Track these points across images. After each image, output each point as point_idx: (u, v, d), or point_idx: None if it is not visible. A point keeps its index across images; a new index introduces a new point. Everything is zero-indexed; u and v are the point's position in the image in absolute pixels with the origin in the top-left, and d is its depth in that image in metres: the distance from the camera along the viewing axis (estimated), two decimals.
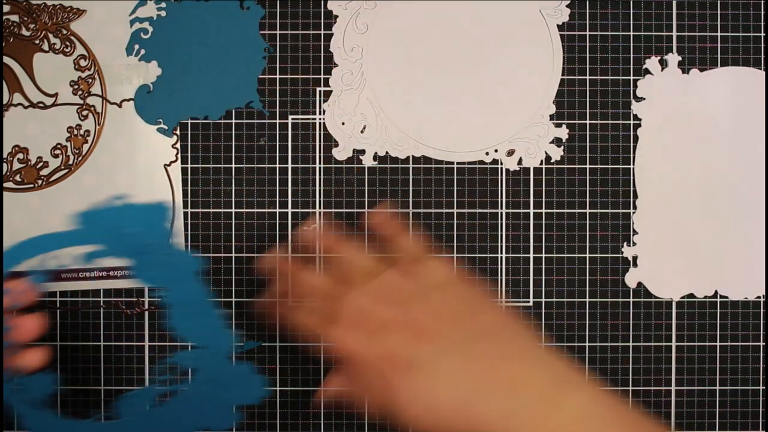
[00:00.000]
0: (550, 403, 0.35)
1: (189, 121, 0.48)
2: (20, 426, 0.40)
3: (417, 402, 0.35)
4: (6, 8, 0.47)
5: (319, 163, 0.48)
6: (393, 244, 0.43)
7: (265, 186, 0.48)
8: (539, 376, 0.36)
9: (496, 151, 0.48)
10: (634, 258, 0.48)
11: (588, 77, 0.48)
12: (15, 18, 0.47)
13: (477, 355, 0.36)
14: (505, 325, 0.38)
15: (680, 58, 0.48)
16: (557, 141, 0.48)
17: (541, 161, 0.48)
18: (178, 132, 0.48)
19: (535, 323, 0.47)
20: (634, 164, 0.48)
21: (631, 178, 0.48)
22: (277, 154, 0.48)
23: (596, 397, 0.36)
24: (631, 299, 0.48)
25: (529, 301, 0.47)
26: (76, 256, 0.40)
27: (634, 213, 0.48)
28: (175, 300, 0.38)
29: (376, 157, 0.48)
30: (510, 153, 0.48)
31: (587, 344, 0.48)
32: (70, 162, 0.47)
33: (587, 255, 0.48)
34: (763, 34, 0.48)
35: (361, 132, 0.48)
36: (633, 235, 0.48)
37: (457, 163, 0.48)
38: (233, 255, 0.47)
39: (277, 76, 0.48)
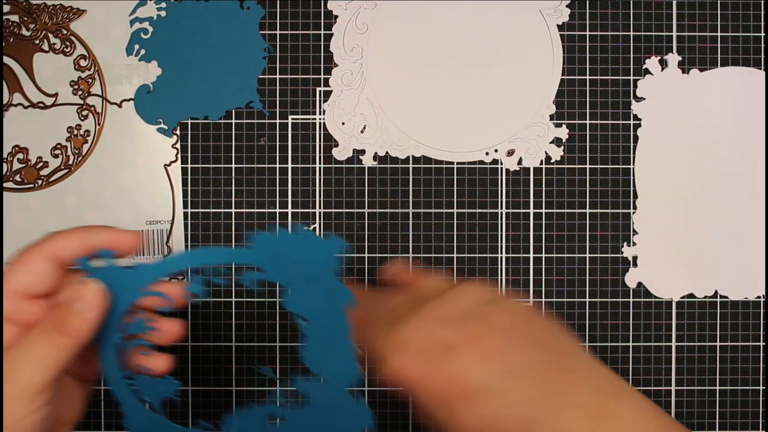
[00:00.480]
0: (608, 414, 0.35)
1: (189, 121, 0.48)
2: (118, 427, 0.41)
3: (485, 428, 0.34)
4: (6, 8, 0.47)
5: (319, 163, 0.48)
6: (419, 287, 0.40)
7: (265, 186, 0.48)
8: (595, 386, 0.36)
9: (496, 151, 0.48)
10: (634, 258, 0.48)
11: (588, 77, 0.48)
12: (15, 18, 0.47)
13: (541, 371, 0.35)
14: (559, 335, 0.37)
15: (680, 58, 0.48)
16: (557, 141, 0.48)
17: (541, 161, 0.48)
18: (178, 132, 0.48)
19: None
20: (634, 164, 0.48)
21: (631, 178, 0.48)
22: (277, 154, 0.48)
23: (645, 406, 0.35)
24: (631, 299, 0.48)
25: (529, 301, 0.47)
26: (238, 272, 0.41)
27: (634, 213, 0.48)
28: (315, 331, 0.39)
29: (376, 157, 0.48)
30: (510, 153, 0.48)
31: (587, 344, 0.48)
32: (70, 162, 0.47)
33: (587, 255, 0.48)
34: (763, 34, 0.48)
35: (361, 132, 0.48)
36: (633, 235, 0.48)
37: (457, 163, 0.48)
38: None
39: (277, 76, 0.48)
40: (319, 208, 0.48)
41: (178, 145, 0.48)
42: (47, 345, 0.33)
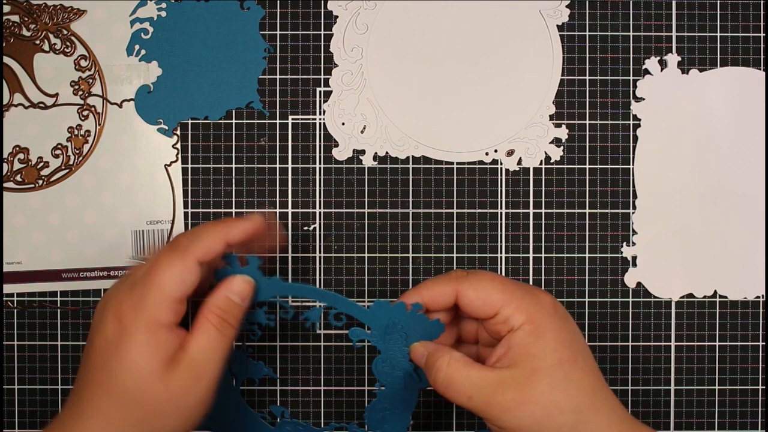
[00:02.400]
0: (619, 407, 0.37)
1: (189, 121, 0.48)
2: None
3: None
4: (6, 8, 0.47)
5: (319, 163, 0.48)
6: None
7: (265, 186, 0.48)
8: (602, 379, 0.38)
9: (495, 151, 0.48)
10: (634, 258, 0.48)
11: (588, 77, 0.48)
12: (15, 18, 0.47)
13: (577, 375, 0.36)
14: (578, 331, 0.39)
15: (680, 59, 0.48)
16: (557, 141, 0.48)
17: (541, 161, 0.48)
18: (178, 132, 0.48)
19: None
20: (633, 164, 0.48)
21: (631, 178, 0.48)
22: (277, 154, 0.48)
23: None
24: (630, 299, 0.48)
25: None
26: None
27: (633, 213, 0.48)
28: (387, 396, 0.42)
29: (376, 157, 0.48)
30: (510, 153, 0.48)
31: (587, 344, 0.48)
32: (71, 162, 0.47)
33: (587, 255, 0.48)
34: (763, 34, 0.48)
35: (361, 132, 0.48)
36: (632, 235, 0.48)
37: (457, 163, 0.48)
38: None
39: (277, 76, 0.48)
40: (319, 208, 0.48)
41: (178, 145, 0.48)
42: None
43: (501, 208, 0.48)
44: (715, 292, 0.48)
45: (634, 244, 0.48)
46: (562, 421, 0.35)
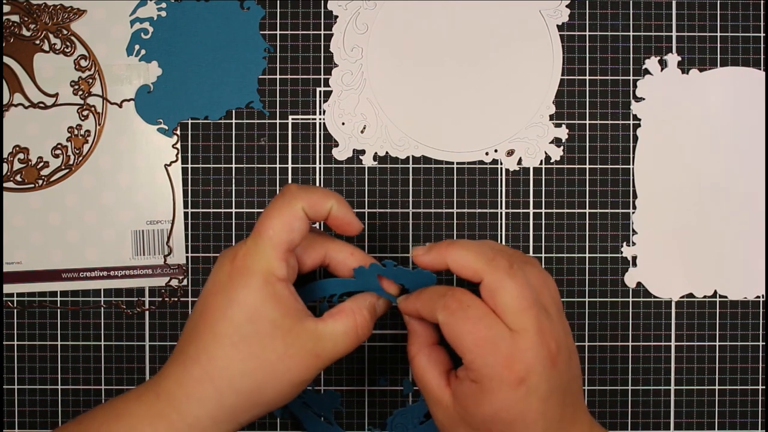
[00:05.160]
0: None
1: (189, 121, 0.48)
2: None
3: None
4: (6, 8, 0.47)
5: (319, 163, 0.48)
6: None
7: (266, 186, 0.48)
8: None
9: (495, 151, 0.48)
10: (634, 258, 0.48)
11: (588, 77, 0.48)
12: (15, 18, 0.47)
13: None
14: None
15: (680, 58, 0.48)
16: (557, 141, 0.48)
17: (541, 161, 0.48)
18: (178, 132, 0.48)
19: None
20: (633, 164, 0.48)
21: (631, 178, 0.48)
22: (277, 154, 0.48)
23: None
24: (630, 299, 0.48)
25: None
26: None
27: (633, 213, 0.48)
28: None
29: (376, 157, 0.48)
30: (510, 153, 0.48)
31: (587, 344, 0.48)
32: (71, 162, 0.47)
33: (587, 255, 0.48)
34: (763, 34, 0.48)
35: (361, 132, 0.48)
36: (633, 235, 0.48)
37: (457, 163, 0.48)
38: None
39: (277, 76, 0.48)
40: None
41: (178, 145, 0.48)
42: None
43: (501, 208, 0.48)
44: (715, 292, 0.48)
45: (634, 244, 0.48)
46: None
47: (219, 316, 0.35)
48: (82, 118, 0.47)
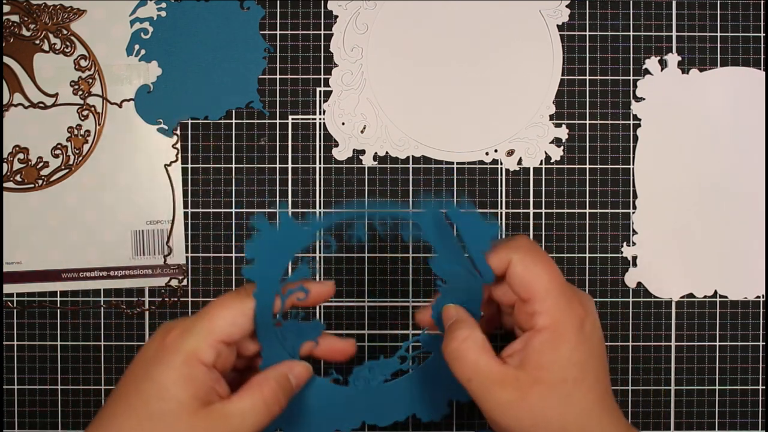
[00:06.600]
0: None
1: (189, 121, 0.48)
2: None
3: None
4: (6, 8, 0.47)
5: (319, 163, 0.48)
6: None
7: (265, 186, 0.48)
8: None
9: (496, 151, 0.48)
10: (634, 258, 0.48)
11: (588, 77, 0.48)
12: (15, 18, 0.47)
13: (577, 396, 0.36)
14: (599, 349, 0.39)
15: (680, 58, 0.48)
16: (557, 141, 0.48)
17: (541, 161, 0.48)
18: (178, 132, 0.48)
19: None
20: (634, 164, 0.48)
21: (631, 178, 0.48)
22: (277, 154, 0.48)
23: None
24: (630, 299, 0.48)
25: None
26: None
27: (634, 213, 0.48)
28: (451, 293, 0.40)
29: (376, 157, 0.48)
30: (510, 153, 0.48)
31: None
32: (71, 162, 0.47)
33: (587, 255, 0.48)
34: (763, 34, 0.48)
35: (361, 132, 0.48)
36: (633, 235, 0.48)
37: (457, 163, 0.48)
38: (233, 255, 0.47)
39: (277, 76, 0.48)
40: (319, 208, 0.48)
41: (178, 145, 0.48)
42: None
43: (501, 208, 0.48)
44: (715, 292, 0.48)
45: (634, 244, 0.48)
46: None
47: (134, 389, 0.35)
48: (82, 118, 0.47)
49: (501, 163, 0.48)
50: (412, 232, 0.38)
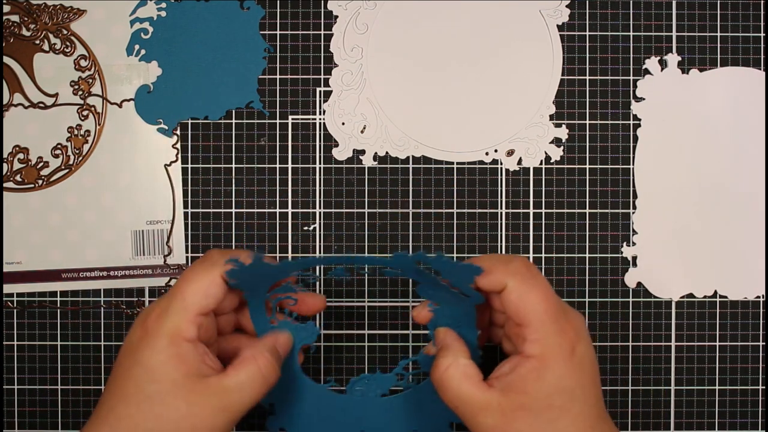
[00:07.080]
0: None
1: (189, 121, 0.48)
2: None
3: None
4: (6, 8, 0.47)
5: (319, 163, 0.48)
6: None
7: (265, 186, 0.48)
8: None
9: (495, 151, 0.48)
10: (634, 258, 0.48)
11: (588, 77, 0.48)
12: (15, 18, 0.47)
13: (563, 424, 0.37)
14: (590, 377, 0.39)
15: (680, 58, 0.48)
16: (557, 141, 0.48)
17: (541, 161, 0.48)
18: (178, 132, 0.48)
19: None
20: (634, 164, 0.48)
21: (631, 178, 0.48)
22: (277, 154, 0.48)
23: None
24: (630, 299, 0.48)
25: None
26: None
27: (633, 213, 0.48)
28: (444, 313, 0.40)
29: (376, 157, 0.48)
30: (510, 153, 0.48)
31: None
32: (71, 162, 0.47)
33: (587, 255, 0.48)
34: (763, 34, 0.48)
35: (361, 132, 0.48)
36: (633, 235, 0.48)
37: (457, 163, 0.48)
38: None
39: (277, 76, 0.48)
40: (319, 208, 0.48)
41: (178, 145, 0.48)
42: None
43: (501, 208, 0.48)
44: (715, 292, 0.48)
45: (634, 244, 0.48)
46: None
47: (126, 376, 0.36)
48: (82, 118, 0.47)
49: (501, 163, 0.48)
50: (391, 276, 0.39)
